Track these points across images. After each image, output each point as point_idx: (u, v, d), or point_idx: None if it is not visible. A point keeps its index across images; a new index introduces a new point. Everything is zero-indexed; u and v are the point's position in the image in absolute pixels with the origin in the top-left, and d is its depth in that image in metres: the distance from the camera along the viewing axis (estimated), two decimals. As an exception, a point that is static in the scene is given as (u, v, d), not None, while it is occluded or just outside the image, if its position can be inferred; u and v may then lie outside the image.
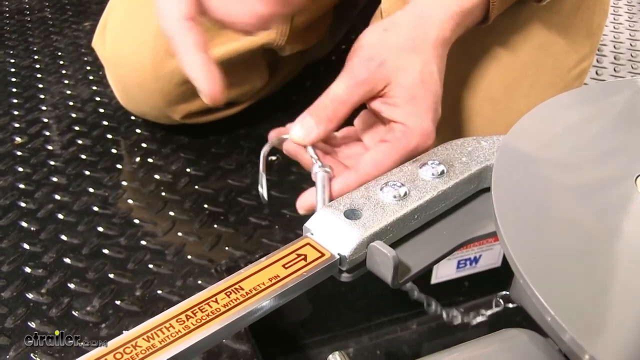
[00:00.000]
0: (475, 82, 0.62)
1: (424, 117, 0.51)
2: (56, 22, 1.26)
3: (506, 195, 0.37)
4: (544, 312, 0.30)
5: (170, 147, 0.87)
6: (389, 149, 0.50)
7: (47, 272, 0.67)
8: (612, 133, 0.43)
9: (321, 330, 0.71)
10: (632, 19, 1.34)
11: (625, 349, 0.29)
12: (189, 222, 0.74)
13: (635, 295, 0.31)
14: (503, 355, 0.35)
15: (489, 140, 0.49)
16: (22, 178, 0.82)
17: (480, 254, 0.73)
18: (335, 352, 0.37)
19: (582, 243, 0.34)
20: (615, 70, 1.15)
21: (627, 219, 0.36)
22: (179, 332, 0.35)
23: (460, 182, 0.46)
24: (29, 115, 0.95)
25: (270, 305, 0.38)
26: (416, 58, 0.52)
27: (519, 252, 0.32)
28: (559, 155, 0.41)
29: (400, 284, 0.41)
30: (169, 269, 0.68)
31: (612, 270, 0.33)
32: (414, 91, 0.51)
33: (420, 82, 0.51)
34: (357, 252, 0.41)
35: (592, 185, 0.38)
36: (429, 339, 0.73)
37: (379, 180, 0.45)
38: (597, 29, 0.70)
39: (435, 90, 0.52)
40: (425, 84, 0.51)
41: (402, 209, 0.43)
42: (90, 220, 0.74)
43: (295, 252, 0.41)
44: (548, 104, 0.45)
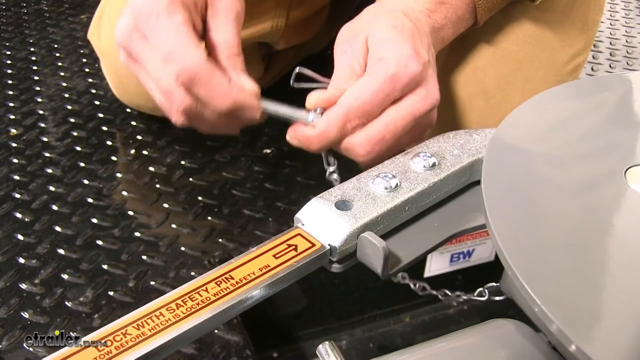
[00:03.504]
0: (469, 76, 0.62)
1: (399, 45, 0.50)
2: (52, 14, 1.26)
3: (496, 188, 0.37)
4: (532, 303, 0.30)
5: (166, 139, 0.87)
6: (368, 80, 0.50)
7: (41, 263, 0.67)
8: (603, 126, 0.43)
9: (314, 322, 0.72)
10: (629, 16, 1.35)
11: (611, 340, 0.29)
12: (183, 214, 0.75)
13: (622, 287, 0.31)
14: (490, 344, 0.35)
15: (481, 133, 0.50)
16: (16, 169, 0.82)
17: (473, 248, 0.74)
18: (325, 342, 0.37)
19: (570, 235, 0.34)
20: (611, 66, 1.15)
21: (616, 212, 0.36)
22: (169, 320, 0.35)
23: (452, 175, 0.46)
24: (25, 107, 0.95)
25: (260, 295, 0.38)
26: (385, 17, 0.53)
27: (507, 244, 0.33)
28: (550, 148, 0.41)
29: (391, 274, 0.41)
30: (162, 261, 0.68)
31: (601, 263, 0.33)
32: (386, 35, 0.51)
33: (391, 28, 0.51)
34: (348, 243, 0.41)
35: (582, 178, 0.39)
36: (422, 332, 0.73)
37: (371, 171, 0.45)
38: (592, 24, 0.70)
39: (409, 29, 0.52)
40: (396, 28, 0.51)
41: (393, 200, 0.43)
42: (85, 211, 0.75)
43: (286, 243, 0.41)
44: (539, 97, 0.45)
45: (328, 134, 0.50)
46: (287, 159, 0.83)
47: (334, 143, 0.51)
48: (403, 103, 0.50)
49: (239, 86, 0.51)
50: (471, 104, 0.62)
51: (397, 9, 0.53)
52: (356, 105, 0.49)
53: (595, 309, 0.30)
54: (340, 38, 0.54)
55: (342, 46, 0.54)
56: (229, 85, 0.50)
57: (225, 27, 0.53)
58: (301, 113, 0.52)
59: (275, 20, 0.78)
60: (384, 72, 0.49)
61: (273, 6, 0.78)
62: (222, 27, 0.53)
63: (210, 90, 0.50)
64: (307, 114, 0.52)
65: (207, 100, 0.51)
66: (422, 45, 0.51)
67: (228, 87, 0.50)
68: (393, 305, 0.74)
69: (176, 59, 0.49)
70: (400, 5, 0.54)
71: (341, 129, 0.50)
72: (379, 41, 0.51)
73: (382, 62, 0.50)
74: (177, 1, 0.51)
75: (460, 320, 0.74)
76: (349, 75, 0.52)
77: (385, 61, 0.50)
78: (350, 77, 0.52)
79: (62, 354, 0.34)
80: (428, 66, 0.51)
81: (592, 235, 0.34)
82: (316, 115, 0.51)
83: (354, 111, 0.49)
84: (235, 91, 0.51)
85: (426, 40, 0.52)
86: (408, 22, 0.52)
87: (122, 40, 0.53)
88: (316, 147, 0.51)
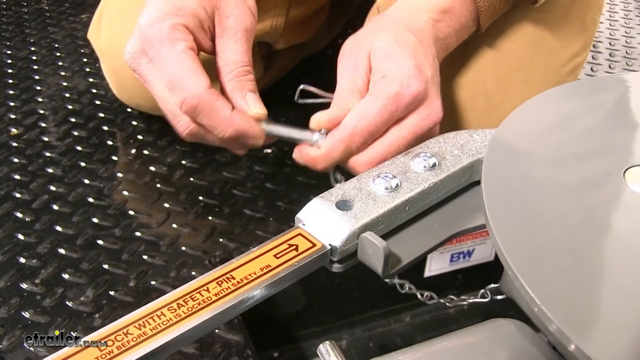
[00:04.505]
0: (469, 76, 0.62)
1: (401, 62, 0.51)
2: (53, 13, 1.26)
3: (496, 188, 0.37)
4: (531, 303, 0.30)
5: (166, 139, 0.88)
6: (371, 100, 0.51)
7: (42, 263, 0.67)
8: (602, 127, 0.43)
9: (315, 322, 0.72)
10: (628, 16, 1.35)
11: (610, 339, 0.29)
12: (184, 214, 0.75)
13: (621, 286, 0.31)
14: (489, 344, 0.35)
15: (481, 134, 0.50)
16: (17, 169, 0.82)
17: (473, 248, 0.74)
18: (326, 342, 0.37)
19: (569, 236, 0.34)
20: (611, 67, 1.15)
21: (615, 212, 0.36)
22: (170, 320, 0.35)
23: (452, 175, 0.46)
24: (25, 107, 0.95)
25: (261, 295, 0.38)
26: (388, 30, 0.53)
27: (507, 244, 0.33)
28: (549, 149, 0.41)
29: (391, 274, 0.41)
30: (163, 260, 0.68)
31: (600, 263, 0.33)
32: (389, 50, 0.52)
33: (394, 42, 0.52)
34: (348, 243, 0.41)
35: (582, 178, 0.39)
36: (422, 332, 0.74)
37: (371, 171, 0.46)
38: (591, 24, 0.70)
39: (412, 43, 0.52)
40: (399, 42, 0.52)
41: (394, 200, 0.43)
42: (85, 211, 0.75)
43: (287, 242, 0.41)
44: (539, 98, 0.45)
45: (333, 154, 0.51)
46: (287, 158, 0.83)
47: (339, 162, 0.52)
48: (406, 122, 0.51)
49: (241, 115, 0.52)
50: (472, 104, 0.62)
51: (401, 21, 0.54)
52: (361, 126, 0.50)
53: (595, 308, 0.30)
54: (343, 50, 0.55)
55: (345, 59, 0.54)
56: (230, 115, 0.52)
57: (233, 46, 0.54)
58: (305, 134, 0.54)
59: (275, 19, 0.79)
60: (387, 91, 0.50)
61: (272, 5, 0.78)
62: (230, 47, 0.54)
63: (212, 120, 0.51)
64: (312, 134, 0.53)
65: (210, 128, 0.52)
66: (426, 59, 0.52)
67: (229, 117, 0.52)
68: (393, 305, 0.74)
69: (179, 87, 0.50)
70: (404, 17, 0.54)
71: (346, 150, 0.51)
72: (381, 56, 0.52)
73: (385, 81, 0.51)
74: (180, 26, 0.51)
75: (461, 319, 0.74)
76: (352, 90, 0.53)
77: (388, 79, 0.51)
78: (352, 92, 0.52)
79: (63, 354, 0.34)
80: (431, 83, 0.52)
81: (591, 236, 0.34)
82: (321, 135, 0.53)
83: (359, 132, 0.50)
84: (237, 120, 0.52)
85: (430, 52, 0.53)
86: (411, 36, 0.52)
87: (131, 63, 0.54)
88: (322, 167, 0.53)
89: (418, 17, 0.54)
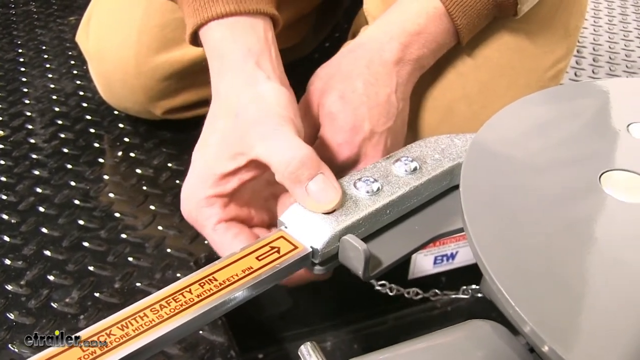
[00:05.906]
0: (450, 81, 0.63)
1: (338, 123, 0.53)
2: (41, 15, 1.26)
3: (474, 193, 0.38)
4: (507, 305, 0.31)
5: (153, 141, 0.88)
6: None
7: (27, 264, 0.68)
8: (580, 132, 0.44)
9: (300, 323, 0.72)
10: (612, 22, 1.36)
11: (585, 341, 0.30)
12: (170, 216, 0.75)
13: (596, 289, 0.32)
14: (465, 344, 0.36)
15: (462, 138, 0.50)
16: (3, 171, 0.82)
17: (457, 250, 0.74)
18: (307, 343, 0.38)
19: (546, 239, 0.35)
20: (594, 72, 1.16)
21: (590, 216, 0.37)
22: (153, 321, 0.36)
23: (433, 179, 0.47)
24: (12, 109, 0.95)
25: (243, 296, 0.39)
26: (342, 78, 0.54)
27: (484, 248, 0.33)
28: (527, 153, 0.42)
29: (372, 277, 0.42)
30: (148, 262, 0.68)
31: (576, 265, 0.34)
32: (332, 109, 0.53)
33: (338, 99, 0.53)
34: (330, 246, 0.42)
35: (559, 183, 0.39)
36: (405, 333, 0.74)
37: (353, 175, 0.46)
38: (573, 30, 0.71)
39: (359, 95, 0.53)
40: (343, 99, 0.53)
41: (375, 204, 0.44)
42: (71, 213, 0.75)
43: (269, 245, 0.42)
44: (519, 103, 0.46)
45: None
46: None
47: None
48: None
49: None
50: (453, 109, 0.63)
51: (364, 59, 0.55)
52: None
53: (569, 311, 0.31)
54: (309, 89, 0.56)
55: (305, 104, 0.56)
56: None
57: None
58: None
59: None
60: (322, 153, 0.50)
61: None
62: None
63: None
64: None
65: None
66: (371, 109, 0.53)
67: None
68: (377, 307, 0.75)
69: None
70: (371, 49, 0.55)
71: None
72: (324, 114, 0.54)
73: (321, 142, 0.53)
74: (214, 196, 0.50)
75: (444, 321, 0.75)
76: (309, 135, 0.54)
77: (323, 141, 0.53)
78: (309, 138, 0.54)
79: (47, 354, 0.34)
80: (369, 139, 0.53)
81: (567, 239, 0.35)
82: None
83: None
84: None
85: (388, 88, 0.54)
86: (360, 87, 0.53)
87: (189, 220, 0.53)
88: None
89: (385, 48, 0.55)
